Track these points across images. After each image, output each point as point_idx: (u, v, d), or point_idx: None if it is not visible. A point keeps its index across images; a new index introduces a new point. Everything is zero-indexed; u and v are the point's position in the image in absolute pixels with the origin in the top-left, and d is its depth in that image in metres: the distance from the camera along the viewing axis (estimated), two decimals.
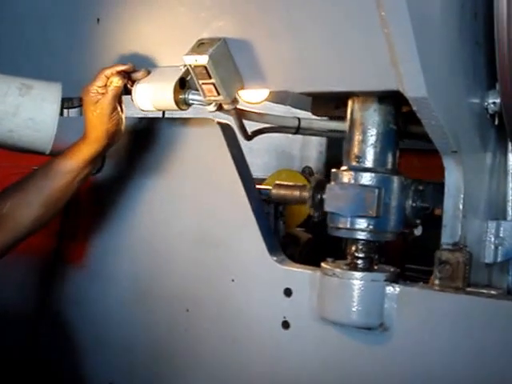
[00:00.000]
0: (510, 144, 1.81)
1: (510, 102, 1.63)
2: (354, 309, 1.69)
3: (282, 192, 1.95)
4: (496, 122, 1.70)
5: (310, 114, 2.21)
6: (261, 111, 1.98)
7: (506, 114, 1.66)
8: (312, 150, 3.74)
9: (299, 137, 3.20)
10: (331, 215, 1.75)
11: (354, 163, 1.73)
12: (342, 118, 1.87)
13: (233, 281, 1.95)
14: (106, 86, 1.75)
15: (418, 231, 1.83)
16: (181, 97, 1.80)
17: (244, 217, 1.92)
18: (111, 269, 2.21)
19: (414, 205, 1.73)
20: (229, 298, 1.96)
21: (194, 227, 2.04)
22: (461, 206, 1.67)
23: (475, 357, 1.59)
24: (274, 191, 1.97)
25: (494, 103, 1.65)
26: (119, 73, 1.75)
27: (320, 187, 1.81)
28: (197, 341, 2.01)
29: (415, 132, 1.80)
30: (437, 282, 1.68)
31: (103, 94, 1.74)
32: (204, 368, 2.00)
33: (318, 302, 1.77)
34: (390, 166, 1.74)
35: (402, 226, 1.74)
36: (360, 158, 1.73)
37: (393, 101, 1.73)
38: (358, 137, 1.74)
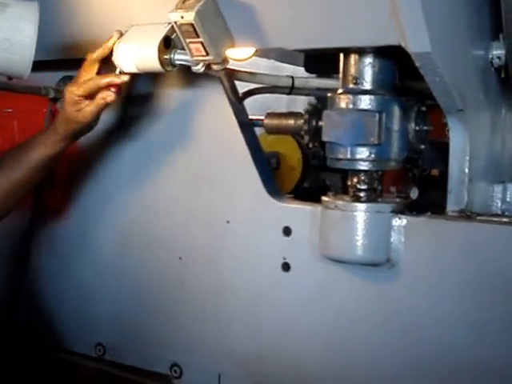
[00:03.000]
0: None
1: None
2: (358, 244, 1.56)
3: (275, 122, 1.80)
4: (503, 75, 1.59)
5: (296, 68, 2.08)
6: (252, 70, 1.84)
7: (511, 66, 1.54)
8: (300, 109, 3.54)
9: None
10: (330, 146, 1.61)
11: (350, 85, 1.58)
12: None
13: (228, 222, 1.82)
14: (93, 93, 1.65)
15: (414, 194, 1.69)
16: (166, 57, 1.65)
17: (238, 153, 1.79)
18: (95, 220, 2.08)
19: (417, 128, 1.58)
20: (224, 241, 1.83)
21: (185, 167, 1.90)
22: (466, 170, 1.55)
23: (490, 291, 1.47)
24: (267, 121, 1.83)
25: (498, 58, 1.55)
26: (114, 86, 1.65)
27: (316, 114, 1.67)
28: (191, 290, 1.89)
29: (416, 89, 1.65)
30: None
31: (88, 102, 1.66)
32: (200, 319, 1.88)
33: (319, 239, 1.65)
34: (390, 87, 1.58)
35: (406, 153, 1.60)
36: (357, 79, 1.57)
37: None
38: (354, 56, 1.58)
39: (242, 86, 1.85)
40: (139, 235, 2.00)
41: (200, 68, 1.64)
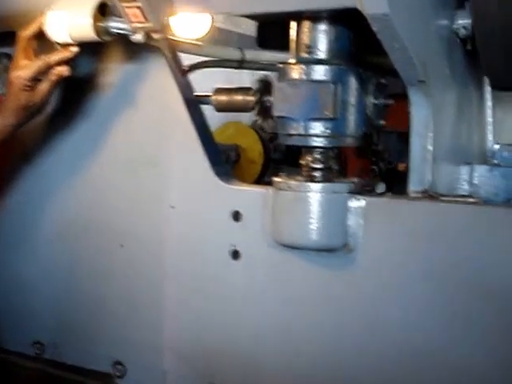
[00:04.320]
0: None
1: (483, 23, 1.39)
2: (312, 228, 1.43)
3: (224, 98, 1.66)
4: (469, 47, 1.49)
5: None
6: (198, 42, 1.70)
7: (478, 37, 1.43)
8: None
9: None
10: (281, 121, 1.47)
11: (303, 54, 1.44)
12: None
13: (172, 207, 1.67)
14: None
15: (380, 189, 1.58)
16: (101, 25, 1.51)
17: (184, 132, 1.65)
18: (33, 210, 1.91)
19: (375, 102, 1.45)
20: (169, 227, 1.69)
21: (126, 148, 1.74)
22: (430, 147, 1.43)
23: (456, 276, 1.35)
24: (215, 97, 1.68)
25: (464, 27, 1.45)
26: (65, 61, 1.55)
27: (267, 89, 1.53)
28: (134, 281, 1.74)
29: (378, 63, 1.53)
30: None
31: (41, 82, 1.56)
32: (144, 312, 1.73)
33: (271, 223, 1.51)
34: (346, 56, 1.45)
35: (364, 128, 1.47)
36: (311, 47, 1.44)
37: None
38: (307, 23, 1.44)
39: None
40: (79, 223, 1.84)
41: (139, 37, 1.49)
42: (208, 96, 1.73)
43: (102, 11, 1.51)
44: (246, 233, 1.58)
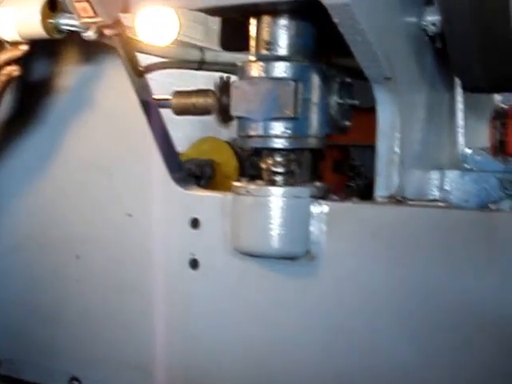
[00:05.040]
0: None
1: (452, 19, 1.33)
2: (273, 234, 1.35)
3: (183, 101, 1.58)
4: (438, 45, 1.42)
5: None
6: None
7: (447, 34, 1.36)
8: None
9: None
10: (240, 121, 1.39)
11: (263, 51, 1.37)
12: None
13: (129, 216, 1.58)
14: None
15: None
16: (51, 21, 1.42)
17: (140, 136, 1.56)
18: None
19: (340, 101, 1.37)
20: (126, 237, 1.60)
21: (81, 154, 1.65)
22: (397, 149, 1.36)
23: (423, 284, 1.26)
24: (175, 100, 1.60)
25: (433, 24, 1.38)
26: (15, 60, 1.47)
27: (227, 90, 1.45)
28: (90, 293, 1.65)
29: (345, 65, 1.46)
30: None
31: None
32: (100, 326, 1.64)
33: (230, 230, 1.42)
34: (308, 53, 1.38)
35: (328, 129, 1.39)
36: (271, 44, 1.36)
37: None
38: (267, 18, 1.37)
39: None
40: (33, 234, 1.75)
41: (91, 34, 1.41)
42: (167, 99, 1.65)
43: (52, 7, 1.42)
44: (204, 241, 1.49)
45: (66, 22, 1.42)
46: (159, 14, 2.40)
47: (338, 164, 2.76)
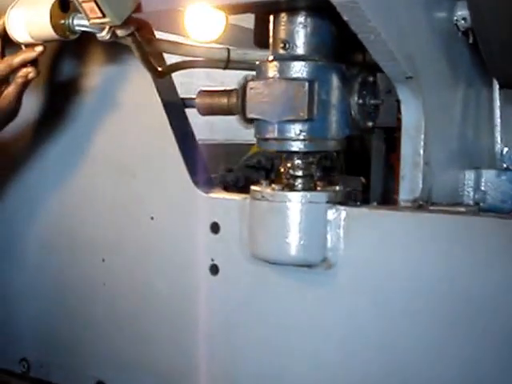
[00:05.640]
0: None
1: (481, 13, 1.27)
2: (288, 241, 1.29)
3: (208, 101, 1.53)
4: (471, 40, 1.35)
5: None
6: (176, 40, 1.58)
7: (477, 30, 1.30)
8: None
9: None
10: (256, 123, 1.35)
11: (279, 50, 1.32)
12: None
13: (152, 219, 1.56)
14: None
15: None
16: (62, 22, 1.41)
17: (163, 138, 1.54)
18: (17, 222, 1.83)
19: (361, 102, 1.31)
20: (149, 240, 1.58)
21: (107, 156, 1.65)
22: (421, 151, 1.29)
23: (446, 295, 1.19)
24: (199, 100, 1.56)
25: (464, 19, 1.32)
26: (31, 62, 1.46)
27: None
28: (116, 296, 1.64)
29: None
30: None
31: (6, 86, 1.48)
32: (125, 329, 1.62)
33: (248, 236, 1.37)
34: (326, 52, 1.32)
35: (348, 131, 1.33)
36: (287, 43, 1.31)
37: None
38: (283, 15, 1.31)
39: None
40: (62, 237, 1.75)
41: (105, 35, 1.38)
42: (193, 99, 1.61)
43: (64, 7, 1.40)
44: (224, 246, 1.45)
45: (78, 22, 1.41)
46: (207, 12, 2.38)
47: None
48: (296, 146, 1.30)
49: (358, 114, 1.33)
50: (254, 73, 1.52)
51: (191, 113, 1.65)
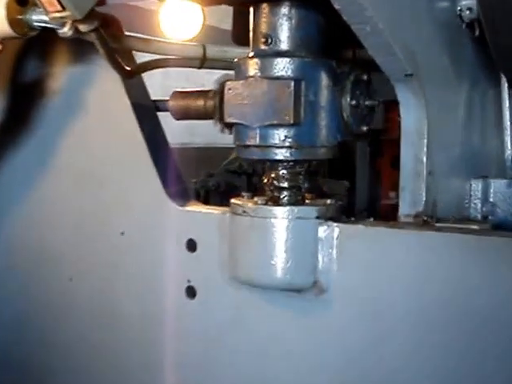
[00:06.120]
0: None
1: (489, 2, 1.12)
2: (273, 262, 1.14)
3: (182, 103, 1.37)
4: (476, 33, 1.21)
5: None
6: (147, 36, 1.43)
7: (485, 20, 1.15)
8: None
9: None
10: (236, 128, 1.18)
11: (261, 46, 1.15)
12: None
13: (122, 234, 1.39)
14: None
15: None
16: (20, 17, 1.25)
17: (132, 144, 1.37)
18: None
19: (354, 103, 1.15)
20: (119, 257, 1.42)
21: (71, 164, 1.48)
22: (424, 158, 1.14)
23: (449, 323, 1.04)
24: (172, 103, 1.39)
25: (469, 9, 1.18)
26: None
27: None
28: (83, 318, 1.47)
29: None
30: None
31: None
32: (96, 356, 1.46)
33: (229, 255, 1.21)
34: (314, 47, 1.16)
35: (340, 136, 1.17)
36: (270, 37, 1.14)
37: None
38: (265, 6, 1.15)
39: None
40: (26, 255, 1.58)
41: (67, 31, 1.22)
42: (166, 101, 1.45)
43: (23, 1, 1.24)
44: (202, 266, 1.30)
45: (37, 17, 1.25)
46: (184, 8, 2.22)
47: (397, 160, 2.52)
48: (281, 155, 1.14)
49: (351, 116, 1.18)
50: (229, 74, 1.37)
51: (169, 115, 1.49)
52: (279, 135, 1.13)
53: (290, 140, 1.13)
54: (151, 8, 2.29)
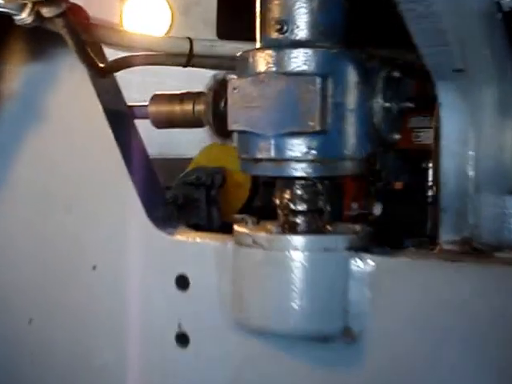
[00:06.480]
0: None
1: None
2: (294, 305, 0.90)
3: (165, 109, 1.14)
4: None
5: None
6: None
7: None
8: None
9: None
10: (241, 138, 0.95)
11: (273, 35, 0.92)
12: None
13: (94, 268, 1.14)
14: None
15: (377, 210, 1.37)
16: None
17: (106, 159, 1.12)
18: None
19: (387, 105, 0.92)
20: (89, 297, 1.16)
21: (30, 182, 1.22)
22: (471, 172, 0.95)
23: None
24: (153, 108, 1.16)
25: None
26: None
27: (223, 93, 1.01)
28: (46, 367, 1.22)
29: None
30: None
31: None
32: None
33: (232, 295, 0.97)
34: (339, 36, 0.93)
35: (370, 147, 0.94)
36: (285, 23, 0.91)
37: None
38: None
39: None
40: None
41: (27, 17, 0.98)
42: (144, 106, 1.20)
43: None
44: (195, 307, 1.06)
45: None
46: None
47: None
48: (301, 170, 0.91)
49: (383, 122, 0.95)
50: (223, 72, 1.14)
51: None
52: (301, 146, 0.90)
53: (313, 152, 0.90)
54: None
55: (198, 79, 1.17)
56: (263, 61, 0.92)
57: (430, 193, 1.67)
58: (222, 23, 1.44)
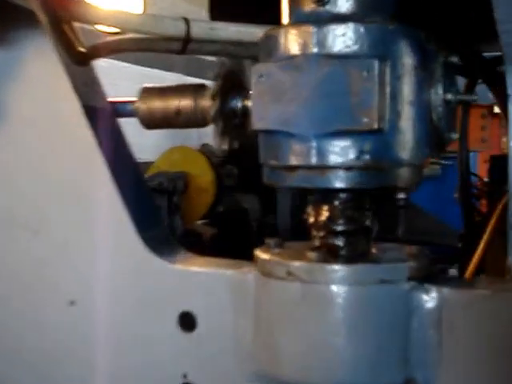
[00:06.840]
0: None
1: None
2: (343, 354, 0.69)
3: (158, 105, 0.92)
4: None
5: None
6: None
7: None
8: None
9: None
10: (268, 139, 0.74)
11: (309, 7, 0.72)
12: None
13: (72, 304, 0.92)
14: None
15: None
16: None
17: (87, 168, 0.90)
18: None
19: (449, 97, 0.73)
20: (65, 337, 0.93)
21: None
22: None
23: None
24: (141, 104, 0.94)
25: None
26: None
27: (234, 84, 0.81)
28: None
29: None
30: None
31: None
32: None
33: (253, 339, 0.76)
34: (391, 8, 0.73)
35: (429, 149, 0.75)
36: None
37: None
38: None
39: None
40: None
41: None
42: (132, 102, 0.99)
43: None
44: (204, 354, 0.84)
45: None
46: None
47: None
48: (351, 180, 0.71)
49: (443, 118, 0.75)
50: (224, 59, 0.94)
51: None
52: (351, 149, 0.69)
53: (366, 157, 0.69)
54: None
55: (152, 80, 0.96)
56: (299, 40, 0.71)
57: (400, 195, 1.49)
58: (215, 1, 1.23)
